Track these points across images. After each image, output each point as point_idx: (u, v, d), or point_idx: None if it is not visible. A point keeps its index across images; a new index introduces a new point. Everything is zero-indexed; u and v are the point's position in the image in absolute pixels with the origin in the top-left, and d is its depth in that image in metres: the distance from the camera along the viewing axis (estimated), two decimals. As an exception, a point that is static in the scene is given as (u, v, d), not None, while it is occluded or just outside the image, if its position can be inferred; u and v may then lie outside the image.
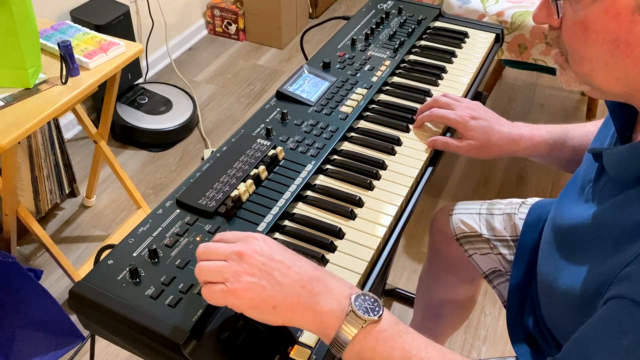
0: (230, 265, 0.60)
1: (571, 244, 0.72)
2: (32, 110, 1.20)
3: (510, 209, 1.06)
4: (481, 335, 1.61)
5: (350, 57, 1.14)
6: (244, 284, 0.59)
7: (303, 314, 0.60)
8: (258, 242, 0.63)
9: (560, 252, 0.74)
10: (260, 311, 0.60)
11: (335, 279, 0.63)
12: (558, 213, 0.80)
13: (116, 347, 1.50)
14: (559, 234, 0.76)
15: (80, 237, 1.83)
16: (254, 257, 0.61)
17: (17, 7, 1.13)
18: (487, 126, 0.93)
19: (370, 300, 0.60)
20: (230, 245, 0.63)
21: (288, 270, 0.61)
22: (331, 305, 0.60)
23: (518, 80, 2.63)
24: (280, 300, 0.59)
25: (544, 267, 0.80)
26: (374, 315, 0.58)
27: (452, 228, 1.10)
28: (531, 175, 2.14)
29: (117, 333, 0.68)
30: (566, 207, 0.77)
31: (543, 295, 0.81)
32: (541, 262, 0.83)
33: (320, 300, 0.60)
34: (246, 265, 0.60)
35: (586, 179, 0.75)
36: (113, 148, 2.14)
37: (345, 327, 0.58)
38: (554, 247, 0.76)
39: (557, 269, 0.73)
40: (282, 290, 0.60)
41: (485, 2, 1.71)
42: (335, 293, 0.61)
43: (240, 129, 0.94)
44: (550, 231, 0.81)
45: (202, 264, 0.62)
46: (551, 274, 0.75)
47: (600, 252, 0.62)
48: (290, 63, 2.72)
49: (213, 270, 0.61)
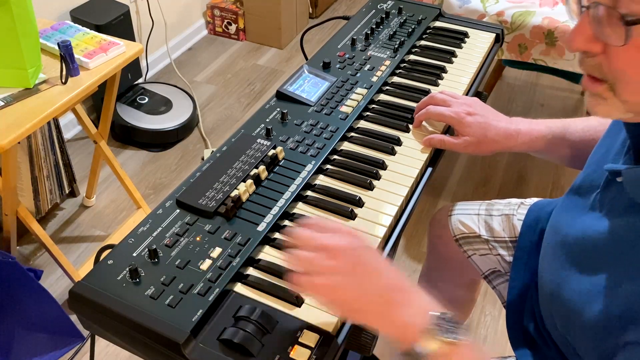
0: (322, 259, 0.62)
1: (580, 255, 0.70)
2: (32, 110, 1.20)
3: (508, 209, 1.06)
4: (481, 335, 1.61)
5: (350, 57, 1.14)
6: (330, 282, 0.61)
7: (382, 322, 0.62)
8: (355, 241, 0.64)
9: (567, 262, 0.72)
10: (341, 310, 0.63)
11: (419, 294, 0.64)
12: (563, 220, 0.78)
13: (116, 347, 1.49)
14: (565, 242, 0.74)
15: (80, 237, 1.83)
16: (346, 257, 0.62)
17: (17, 7, 1.13)
18: (484, 122, 0.93)
19: (450, 322, 0.61)
20: (328, 237, 0.64)
21: (376, 276, 0.62)
22: (411, 318, 0.61)
23: (518, 80, 2.63)
24: (361, 304, 0.61)
25: (546, 274, 0.79)
26: (453, 337, 0.59)
27: (451, 229, 1.10)
28: (531, 175, 2.14)
29: (117, 333, 0.68)
30: (572, 214, 0.76)
31: (544, 301, 0.81)
32: (543, 267, 0.82)
33: (400, 312, 0.61)
34: (337, 262, 0.62)
35: (593, 185, 0.73)
36: (113, 148, 2.14)
37: (423, 342, 0.59)
38: (558, 255, 0.75)
39: (563, 278, 0.71)
40: (365, 295, 0.61)
41: (485, 2, 1.71)
42: (415, 307, 0.62)
43: (240, 129, 0.94)
44: (553, 237, 0.79)
45: (295, 251, 0.64)
46: (555, 282, 0.74)
47: (620, 272, 0.61)
48: (290, 63, 2.72)
49: (303, 260, 0.63)
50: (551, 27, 1.63)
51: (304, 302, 0.69)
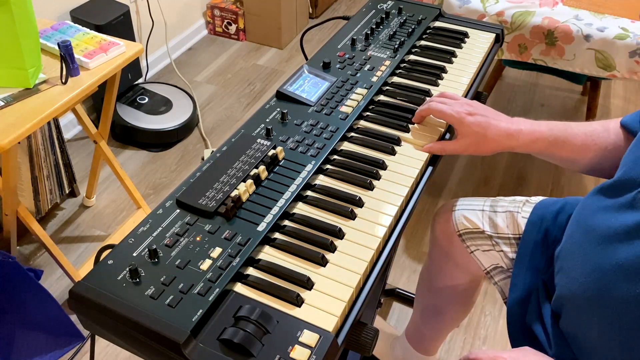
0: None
1: (629, 253, 0.69)
2: (32, 110, 1.20)
3: (513, 207, 1.06)
4: (481, 335, 1.61)
5: (350, 57, 1.14)
6: None
7: None
8: None
9: (613, 263, 0.71)
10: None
11: None
12: (597, 219, 0.77)
13: (116, 347, 1.50)
14: (606, 240, 0.74)
15: (80, 237, 1.83)
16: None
17: (17, 7, 1.13)
18: (484, 121, 0.92)
19: None
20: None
21: None
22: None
23: (518, 80, 2.63)
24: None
25: (581, 277, 0.77)
26: None
27: (455, 224, 1.10)
28: (531, 174, 2.14)
29: (117, 333, 0.68)
30: (607, 214, 0.76)
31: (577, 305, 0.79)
32: (575, 270, 0.80)
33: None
34: None
35: (630, 184, 0.74)
36: (113, 148, 2.14)
37: None
38: (600, 256, 0.74)
39: (610, 281, 0.71)
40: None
41: (485, 2, 1.71)
42: None
43: (240, 129, 0.94)
44: (585, 237, 0.78)
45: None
46: (596, 286, 0.73)
47: None
48: (290, 63, 2.72)
49: None
50: (551, 27, 1.63)
51: (304, 302, 0.69)
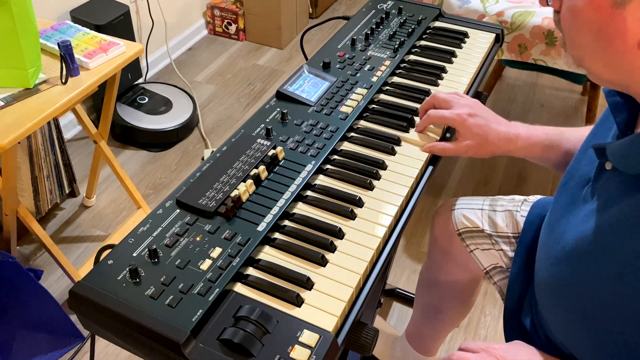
0: None
1: (584, 250, 0.69)
2: (32, 110, 1.20)
3: (512, 206, 1.07)
4: (481, 335, 1.61)
5: (350, 57, 1.14)
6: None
7: None
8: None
9: (566, 258, 0.72)
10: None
11: None
12: (558, 219, 0.78)
13: (116, 347, 1.50)
14: (562, 239, 0.74)
15: (80, 237, 1.83)
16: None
17: (17, 7, 1.13)
18: (485, 124, 0.93)
19: None
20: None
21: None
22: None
23: (518, 80, 2.63)
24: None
25: (543, 272, 0.79)
26: None
27: (454, 223, 1.10)
28: (531, 174, 2.14)
29: (117, 333, 0.68)
30: (566, 211, 0.76)
31: (545, 298, 0.81)
32: (539, 266, 0.82)
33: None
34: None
35: (583, 179, 0.75)
36: (113, 148, 2.14)
37: None
38: (558, 253, 0.75)
39: (563, 274, 0.72)
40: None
41: (485, 2, 1.71)
42: None
43: (240, 129, 0.94)
44: (548, 237, 0.80)
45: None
46: (551, 280, 0.74)
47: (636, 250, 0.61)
48: (290, 63, 2.72)
49: None
50: (551, 27, 1.63)
51: (304, 302, 0.69)
